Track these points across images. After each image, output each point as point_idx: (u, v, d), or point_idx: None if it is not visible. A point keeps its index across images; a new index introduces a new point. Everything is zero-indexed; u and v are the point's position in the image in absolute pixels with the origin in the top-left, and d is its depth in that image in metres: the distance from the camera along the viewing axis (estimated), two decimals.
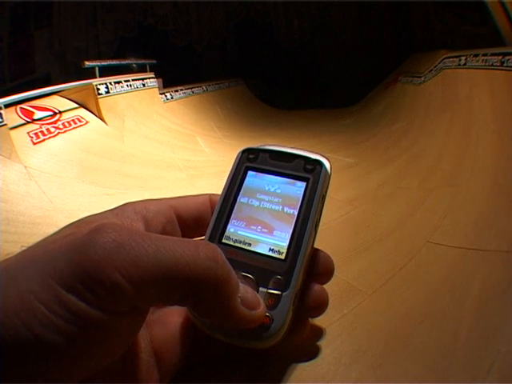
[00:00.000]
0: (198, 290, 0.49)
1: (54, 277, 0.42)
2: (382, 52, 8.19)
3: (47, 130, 3.42)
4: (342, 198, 2.39)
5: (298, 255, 0.64)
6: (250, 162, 0.73)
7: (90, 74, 4.53)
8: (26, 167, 2.78)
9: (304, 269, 0.65)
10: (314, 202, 0.67)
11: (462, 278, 1.91)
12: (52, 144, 3.28)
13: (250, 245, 0.67)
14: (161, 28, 8.36)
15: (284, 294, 0.62)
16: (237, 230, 0.67)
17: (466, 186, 2.38)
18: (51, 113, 3.67)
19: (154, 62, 5.54)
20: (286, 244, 0.66)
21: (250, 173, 0.73)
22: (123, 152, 3.64)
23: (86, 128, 3.77)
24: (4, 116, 3.06)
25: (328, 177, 0.70)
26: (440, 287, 1.92)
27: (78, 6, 7.46)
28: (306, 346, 0.85)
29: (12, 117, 3.25)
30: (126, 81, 4.53)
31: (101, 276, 0.43)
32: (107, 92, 4.21)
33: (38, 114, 3.54)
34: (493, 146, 2.68)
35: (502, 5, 3.72)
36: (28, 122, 3.37)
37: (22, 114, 3.41)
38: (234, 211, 0.69)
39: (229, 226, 0.68)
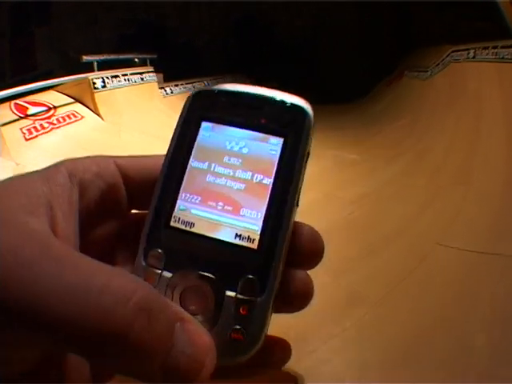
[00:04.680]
0: (90, 348, 0.34)
1: None
2: (382, 47, 8.16)
3: (40, 125, 3.36)
4: (346, 197, 2.31)
5: (276, 242, 0.44)
6: (204, 109, 0.51)
7: (89, 67, 4.49)
8: (17, 164, 2.73)
9: (284, 260, 0.45)
10: (296, 165, 0.46)
11: (473, 285, 1.82)
12: (45, 140, 3.24)
13: (208, 230, 0.46)
14: (161, 24, 8.31)
15: (259, 299, 0.43)
16: (189, 208, 0.47)
17: (477, 184, 2.29)
18: (45, 108, 3.60)
19: (155, 56, 5.48)
20: (258, 227, 0.45)
21: (204, 125, 0.50)
22: (120, 148, 3.49)
23: (82, 123, 3.72)
24: None
25: (312, 126, 0.49)
26: (450, 295, 1.82)
27: (77, 3, 7.42)
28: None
29: (5, 112, 3.21)
30: (123, 75, 4.48)
31: None
32: (104, 86, 4.16)
33: (32, 110, 3.49)
34: (504, 142, 2.60)
35: None
36: (21, 118, 3.31)
37: (16, 109, 3.35)
38: (184, 181, 0.48)
39: (178, 203, 0.47)
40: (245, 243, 0.45)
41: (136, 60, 5.46)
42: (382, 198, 2.32)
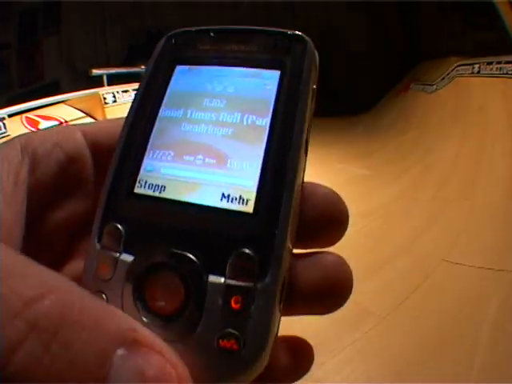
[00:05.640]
0: None
1: None
2: (391, 57, 8.17)
3: None
4: (355, 212, 2.31)
5: (280, 201, 0.31)
6: (179, 51, 0.39)
7: (98, 80, 4.54)
8: None
9: (294, 227, 0.32)
10: (300, 99, 0.34)
11: (478, 301, 1.85)
12: None
13: (183, 192, 0.33)
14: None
15: (260, 286, 0.29)
16: (159, 168, 0.34)
17: (482, 199, 2.31)
18: (57, 122, 3.63)
19: None
20: (253, 183, 0.32)
21: (179, 69, 0.38)
22: None
23: None
24: (8, 126, 3.02)
25: (316, 59, 0.36)
26: (456, 311, 1.85)
27: (86, 13, 7.46)
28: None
29: (17, 126, 3.22)
30: (134, 90, 4.43)
31: None
32: (114, 101, 4.21)
33: (43, 124, 3.51)
34: (508, 157, 2.62)
35: None
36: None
37: (28, 123, 3.38)
38: (152, 135, 0.35)
39: (145, 163, 0.34)
40: (235, 206, 0.32)
41: (141, 70, 5.50)
42: (390, 213, 2.35)
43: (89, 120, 3.89)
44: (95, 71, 4.56)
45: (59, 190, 0.34)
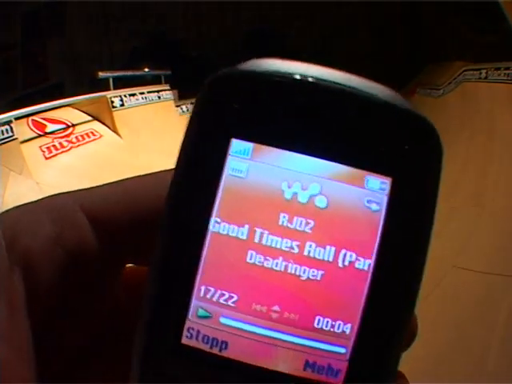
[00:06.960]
0: None
1: None
2: (395, 59, 8.16)
3: (60, 144, 3.38)
4: None
5: (380, 378, 0.24)
6: (233, 109, 0.23)
7: (103, 83, 4.53)
8: (37, 183, 2.73)
9: None
10: (421, 230, 0.23)
11: (489, 306, 1.85)
12: (65, 159, 3.24)
13: (255, 354, 0.24)
14: (173, 37, 8.34)
15: None
16: (216, 315, 0.24)
17: (491, 206, 2.31)
18: (64, 126, 3.61)
19: (169, 72, 5.50)
20: (346, 351, 0.23)
21: (236, 145, 0.23)
22: (138, 167, 3.47)
23: (100, 142, 3.73)
24: (15, 129, 3.00)
25: (443, 159, 0.24)
26: (467, 316, 1.85)
27: (90, 14, 7.46)
28: None
29: (23, 129, 3.20)
30: (140, 93, 4.50)
31: None
32: (122, 105, 4.18)
33: (50, 127, 3.49)
34: None
35: None
36: (40, 136, 3.33)
37: (34, 126, 3.36)
38: (201, 262, 0.23)
39: (193, 304, 0.24)
40: (322, 377, 0.24)
41: (148, 73, 5.51)
42: None
43: (97, 124, 3.90)
44: (102, 74, 4.55)
45: (64, 301, 0.26)
